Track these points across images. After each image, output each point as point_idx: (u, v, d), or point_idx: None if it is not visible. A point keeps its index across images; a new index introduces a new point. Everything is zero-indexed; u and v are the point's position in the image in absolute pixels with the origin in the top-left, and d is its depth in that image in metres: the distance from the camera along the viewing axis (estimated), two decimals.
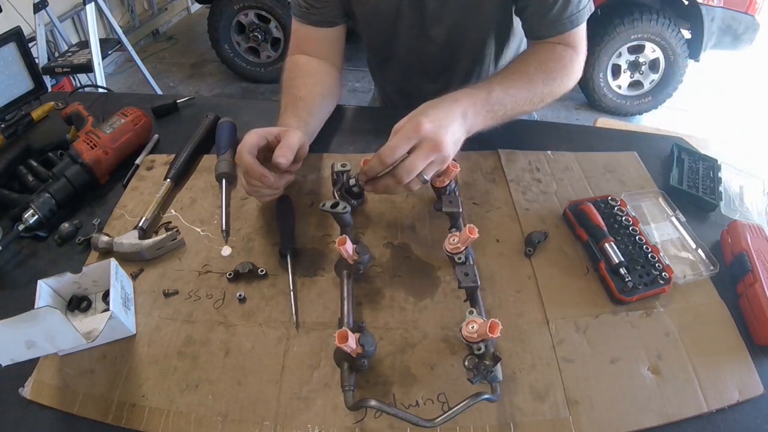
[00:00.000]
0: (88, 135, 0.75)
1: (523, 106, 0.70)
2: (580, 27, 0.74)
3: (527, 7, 0.75)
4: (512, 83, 0.69)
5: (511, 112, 0.69)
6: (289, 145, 0.62)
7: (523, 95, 0.69)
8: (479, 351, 0.48)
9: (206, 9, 2.98)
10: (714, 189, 0.73)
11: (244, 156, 0.61)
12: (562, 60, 0.74)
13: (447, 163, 0.60)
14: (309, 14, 0.80)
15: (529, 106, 0.71)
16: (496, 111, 0.67)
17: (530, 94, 0.70)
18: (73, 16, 2.91)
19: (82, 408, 0.50)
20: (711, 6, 2.45)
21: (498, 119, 0.68)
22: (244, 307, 0.59)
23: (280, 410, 0.50)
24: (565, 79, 0.74)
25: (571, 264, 0.64)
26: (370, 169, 0.59)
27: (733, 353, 0.55)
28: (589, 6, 0.74)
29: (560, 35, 0.74)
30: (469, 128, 0.64)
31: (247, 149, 0.61)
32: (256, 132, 0.64)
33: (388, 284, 0.61)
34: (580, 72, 0.77)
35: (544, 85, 0.71)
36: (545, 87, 0.71)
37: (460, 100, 0.63)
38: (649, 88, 2.78)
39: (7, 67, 0.84)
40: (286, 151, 0.61)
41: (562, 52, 0.74)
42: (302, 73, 0.80)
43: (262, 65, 3.06)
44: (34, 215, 0.66)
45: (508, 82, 0.69)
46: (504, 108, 0.67)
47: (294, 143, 0.63)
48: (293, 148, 0.63)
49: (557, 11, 0.72)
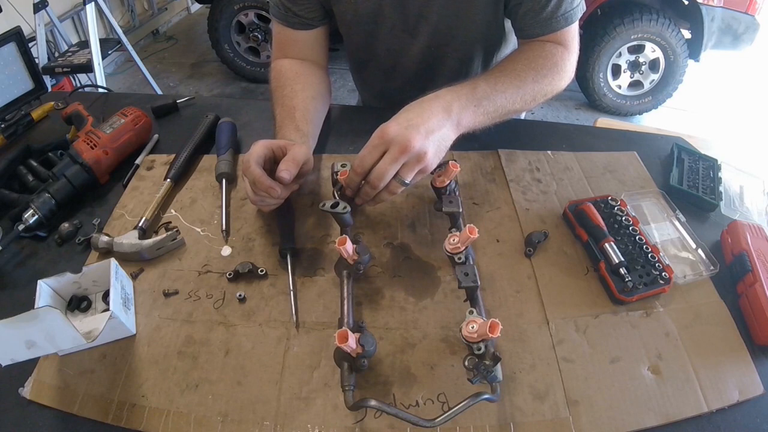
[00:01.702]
0: (88, 135, 0.75)
1: (514, 104, 0.68)
2: (572, 25, 0.73)
3: (520, 4, 0.73)
4: (499, 79, 0.68)
5: (502, 109, 0.67)
6: (294, 159, 0.62)
7: (512, 92, 0.67)
8: (479, 351, 0.48)
9: (206, 9, 2.98)
10: (714, 189, 0.73)
11: (252, 167, 0.60)
12: (552, 57, 0.72)
13: (426, 162, 0.58)
14: (288, 16, 0.79)
15: (521, 104, 0.69)
16: (485, 106, 0.65)
17: (520, 91, 0.68)
18: (73, 16, 2.91)
19: (82, 408, 0.50)
20: (711, 6, 2.46)
21: (489, 115, 0.66)
22: (244, 307, 0.59)
23: (280, 410, 0.50)
24: (557, 77, 0.72)
25: (571, 264, 0.64)
26: (350, 181, 0.61)
27: (733, 353, 0.55)
28: (581, 5, 0.74)
29: (553, 33, 0.73)
30: (458, 122, 0.62)
31: (254, 160, 0.61)
32: (263, 143, 0.63)
33: (388, 284, 0.61)
34: (573, 71, 0.76)
35: (534, 82, 0.70)
36: (535, 84, 0.70)
37: (441, 95, 0.62)
38: (649, 88, 2.78)
39: (7, 67, 0.84)
40: (290, 166, 0.61)
41: (553, 50, 0.73)
42: (289, 78, 0.78)
43: (262, 65, 3.06)
44: (34, 215, 0.66)
45: (495, 78, 0.68)
46: (494, 104, 0.66)
47: (300, 158, 0.63)
48: (298, 162, 0.63)
49: (552, 9, 0.71)
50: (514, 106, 0.69)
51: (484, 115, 0.66)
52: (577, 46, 0.76)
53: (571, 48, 0.75)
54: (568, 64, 0.74)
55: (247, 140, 0.84)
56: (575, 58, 0.76)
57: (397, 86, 0.94)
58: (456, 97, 0.63)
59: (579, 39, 0.77)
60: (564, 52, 0.73)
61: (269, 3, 0.81)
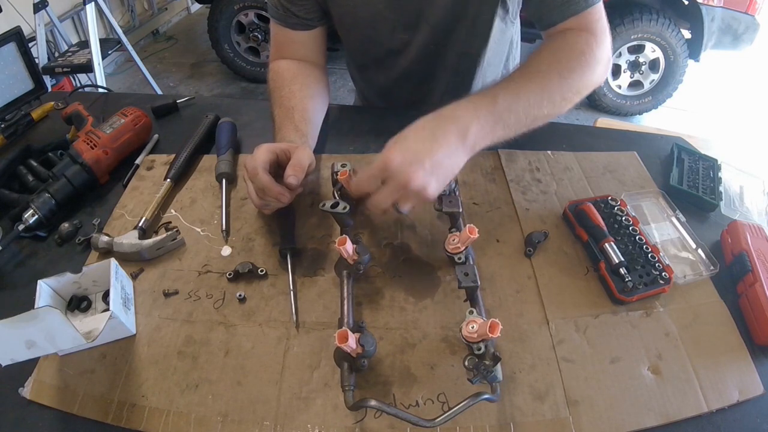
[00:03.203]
0: (88, 135, 0.75)
1: (541, 108, 0.61)
2: (595, 6, 0.66)
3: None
4: (521, 85, 0.61)
5: (527, 118, 0.60)
6: (300, 164, 0.62)
7: (536, 96, 0.61)
8: (479, 351, 0.48)
9: (206, 9, 2.98)
10: (714, 189, 0.73)
11: (260, 174, 0.60)
12: (576, 47, 0.64)
13: (426, 196, 0.54)
14: (286, 17, 0.78)
15: (549, 107, 0.62)
16: (506, 120, 0.59)
17: (546, 93, 0.61)
18: (73, 16, 2.91)
19: (82, 408, 0.50)
20: (711, 6, 2.46)
21: (511, 129, 0.60)
22: (244, 307, 0.59)
23: (280, 410, 0.50)
24: (587, 70, 0.64)
25: (571, 264, 0.64)
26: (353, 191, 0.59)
27: (733, 353, 0.55)
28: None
29: (575, 17, 0.66)
30: (473, 146, 0.57)
31: (261, 167, 0.60)
32: (266, 148, 0.63)
33: (388, 284, 0.61)
34: (606, 58, 0.67)
35: (561, 79, 0.62)
36: (563, 82, 0.62)
37: (459, 115, 0.57)
38: (649, 88, 2.78)
39: (7, 67, 0.84)
40: (297, 171, 0.61)
41: (577, 38, 0.65)
42: (286, 79, 0.78)
43: (262, 65, 3.06)
44: (34, 215, 0.66)
45: (516, 83, 0.61)
46: (516, 115, 0.59)
47: (305, 162, 0.63)
48: (304, 167, 0.62)
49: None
50: (542, 111, 0.61)
51: (504, 129, 0.59)
52: (604, 30, 0.67)
53: (597, 33, 0.66)
54: (598, 52, 0.65)
55: (247, 140, 0.84)
56: (606, 43, 0.67)
57: (398, 84, 0.93)
58: (475, 116, 0.57)
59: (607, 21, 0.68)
60: (590, 39, 0.65)
61: (267, 3, 0.81)
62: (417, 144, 0.54)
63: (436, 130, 0.55)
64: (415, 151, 0.53)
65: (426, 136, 0.55)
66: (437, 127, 0.55)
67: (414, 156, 0.53)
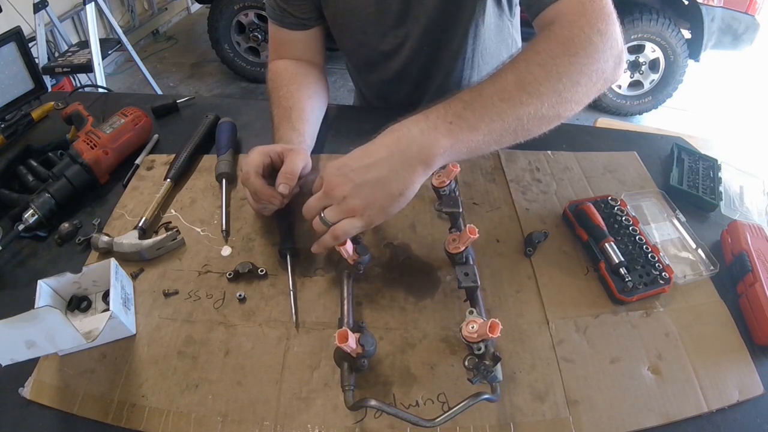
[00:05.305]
0: (88, 135, 0.75)
1: (540, 107, 0.52)
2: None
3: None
4: (487, 84, 0.53)
5: (509, 118, 0.51)
6: (292, 171, 0.62)
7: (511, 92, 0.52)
8: (479, 351, 0.48)
9: (206, 9, 2.98)
10: (714, 189, 0.73)
11: (252, 178, 0.61)
12: (569, 29, 0.54)
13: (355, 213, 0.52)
14: (283, 17, 0.79)
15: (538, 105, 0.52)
16: (467, 119, 0.51)
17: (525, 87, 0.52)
18: (73, 16, 2.92)
19: (82, 408, 0.50)
20: (711, 6, 2.46)
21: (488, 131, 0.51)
22: (244, 307, 0.59)
23: (280, 410, 0.50)
24: (585, 57, 0.53)
25: (571, 264, 0.64)
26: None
27: (733, 353, 0.55)
28: None
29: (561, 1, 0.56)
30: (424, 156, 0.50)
31: (254, 171, 0.61)
32: (259, 151, 0.63)
33: (388, 284, 0.61)
34: (613, 41, 0.55)
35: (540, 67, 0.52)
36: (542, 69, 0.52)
37: (401, 124, 0.52)
38: (649, 88, 2.78)
39: (7, 67, 0.84)
40: (288, 179, 0.61)
41: (568, 23, 0.55)
42: (284, 80, 0.78)
43: (262, 65, 3.06)
44: (34, 215, 0.66)
45: (481, 84, 0.53)
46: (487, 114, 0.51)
47: (296, 169, 0.63)
48: (296, 174, 0.62)
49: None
50: (541, 111, 0.52)
51: (470, 131, 0.51)
52: (601, 13, 0.55)
53: (589, 14, 0.54)
54: (595, 38, 0.53)
55: (247, 140, 0.84)
56: (609, 29, 0.54)
57: (394, 85, 0.94)
58: (418, 120, 0.51)
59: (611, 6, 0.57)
60: (582, 20, 0.54)
61: (265, 4, 0.81)
62: (353, 154, 0.54)
63: (374, 141, 0.53)
64: (344, 162, 0.53)
65: (363, 147, 0.53)
66: (375, 140, 0.53)
67: (343, 165, 0.53)
